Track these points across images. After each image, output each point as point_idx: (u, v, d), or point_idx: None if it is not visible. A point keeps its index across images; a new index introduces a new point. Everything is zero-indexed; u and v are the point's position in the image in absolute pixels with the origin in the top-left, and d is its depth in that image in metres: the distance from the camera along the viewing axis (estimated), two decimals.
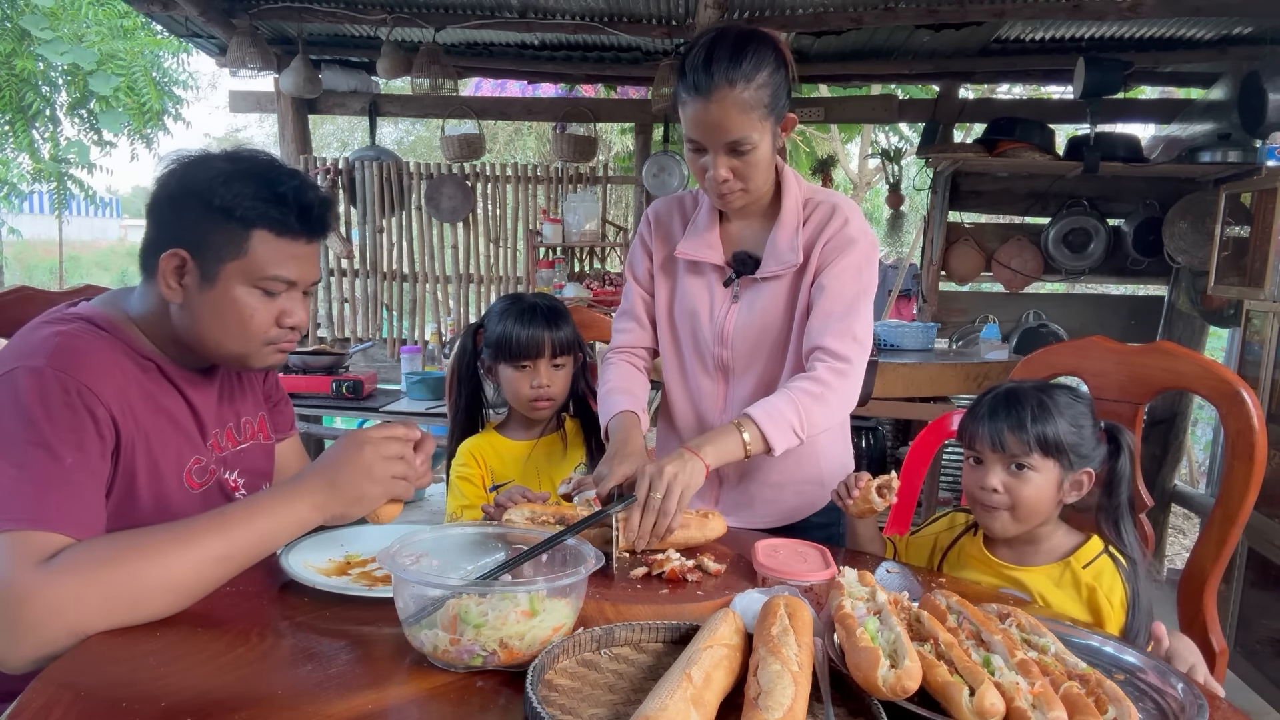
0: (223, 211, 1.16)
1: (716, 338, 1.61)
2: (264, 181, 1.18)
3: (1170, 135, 4.52)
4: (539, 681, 0.86)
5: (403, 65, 4.35)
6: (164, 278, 1.18)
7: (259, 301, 1.20)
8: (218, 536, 1.03)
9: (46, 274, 12.57)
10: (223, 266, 1.17)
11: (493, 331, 1.75)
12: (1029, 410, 1.32)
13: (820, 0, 3.88)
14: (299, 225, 1.20)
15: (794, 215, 1.57)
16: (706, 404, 1.67)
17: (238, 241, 1.17)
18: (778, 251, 1.56)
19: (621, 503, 1.31)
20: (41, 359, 1.08)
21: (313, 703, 0.84)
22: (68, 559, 0.96)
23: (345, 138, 12.60)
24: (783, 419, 1.42)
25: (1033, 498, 1.33)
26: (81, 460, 1.05)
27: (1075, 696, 0.83)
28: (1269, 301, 2.95)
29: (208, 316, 1.19)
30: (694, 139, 1.46)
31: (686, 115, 1.45)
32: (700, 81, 1.39)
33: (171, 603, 1.01)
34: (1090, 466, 1.34)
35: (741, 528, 1.60)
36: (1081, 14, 3.75)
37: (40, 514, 0.99)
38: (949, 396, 3.74)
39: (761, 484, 1.65)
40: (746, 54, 1.40)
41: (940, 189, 4.49)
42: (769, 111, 1.43)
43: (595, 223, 4.86)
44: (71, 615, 0.94)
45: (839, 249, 1.54)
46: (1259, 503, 1.45)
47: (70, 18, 7.50)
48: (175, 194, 1.19)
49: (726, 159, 1.45)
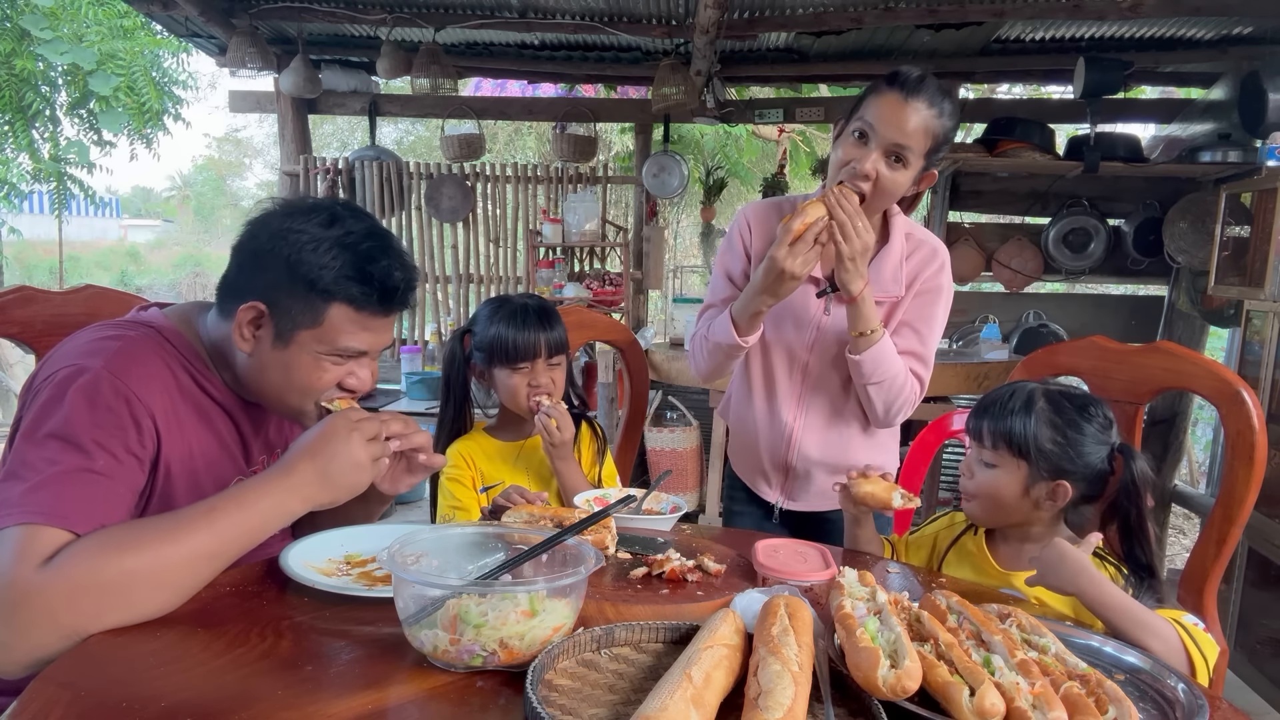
0: (307, 282, 1.16)
1: (804, 344, 1.75)
2: (354, 258, 1.17)
3: (1170, 135, 4.52)
4: (539, 681, 0.86)
5: (403, 65, 4.35)
6: (239, 327, 1.18)
7: (329, 366, 1.21)
8: (207, 532, 1.03)
9: (46, 274, 12.57)
10: (298, 332, 1.18)
11: (484, 335, 1.72)
12: (1010, 407, 1.34)
13: (820, 0, 3.88)
14: (379, 304, 1.20)
15: (899, 246, 1.70)
16: (783, 404, 1.80)
17: (316, 310, 1.17)
18: (882, 279, 1.68)
19: (621, 503, 1.31)
20: (100, 361, 1.09)
21: (313, 703, 0.84)
22: (60, 561, 0.96)
23: (345, 138, 12.60)
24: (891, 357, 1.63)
25: (991, 491, 1.36)
26: (113, 465, 1.06)
27: (1075, 696, 0.83)
28: (1269, 301, 2.95)
29: (275, 372, 1.20)
30: (869, 126, 1.54)
31: (874, 106, 1.54)
32: (912, 85, 1.52)
33: (164, 599, 1.00)
34: (1071, 480, 1.33)
35: (806, 510, 1.85)
36: (1081, 14, 3.75)
37: (57, 509, 0.99)
38: (949, 396, 3.74)
39: (825, 476, 1.80)
40: (949, 101, 1.56)
41: (940, 189, 4.49)
42: (930, 150, 1.56)
43: (595, 223, 4.86)
44: (64, 618, 0.94)
45: (933, 295, 1.71)
46: (1259, 503, 1.45)
47: (70, 18, 7.50)
48: (264, 247, 1.18)
49: (881, 158, 1.54)
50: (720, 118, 4.77)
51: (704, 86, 4.50)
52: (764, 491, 1.88)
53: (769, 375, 1.81)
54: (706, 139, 7.43)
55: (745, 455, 1.91)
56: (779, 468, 1.84)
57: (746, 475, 1.92)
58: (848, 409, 1.78)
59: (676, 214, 10.64)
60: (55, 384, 1.08)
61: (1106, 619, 1.16)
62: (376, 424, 1.14)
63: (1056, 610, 1.28)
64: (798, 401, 1.79)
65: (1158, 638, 1.12)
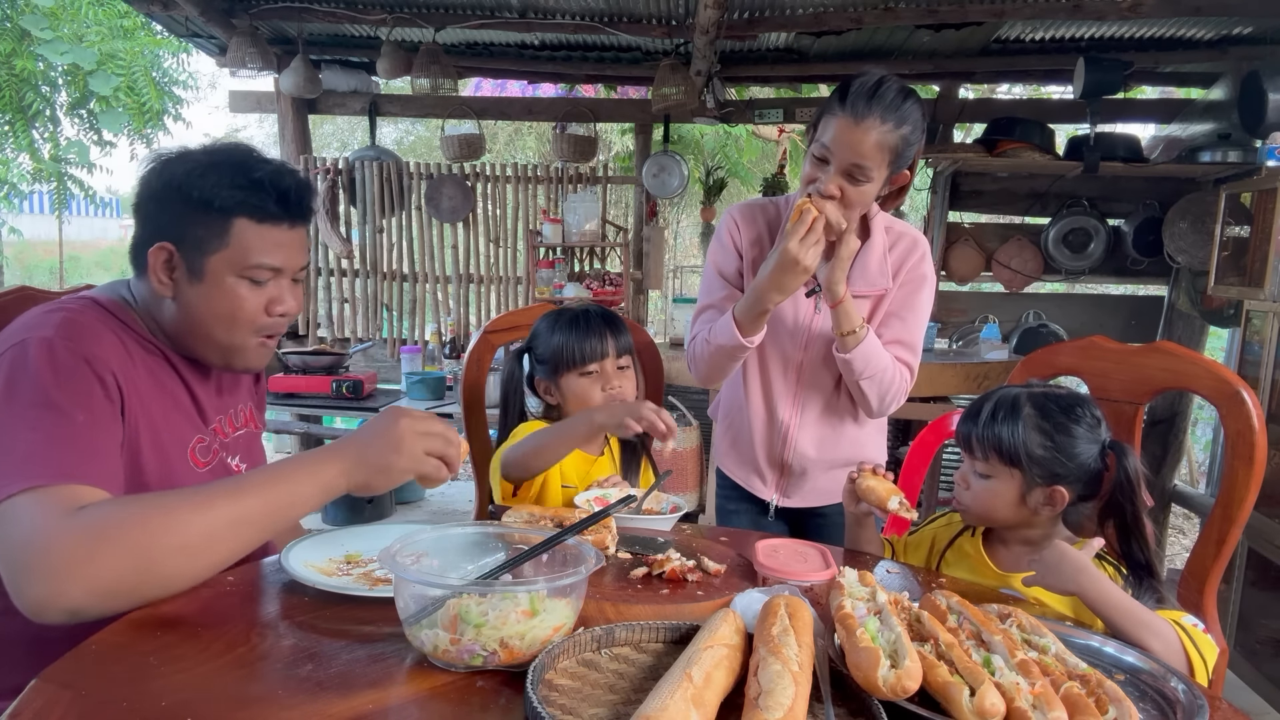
0: (202, 204, 1.17)
1: (796, 342, 1.79)
2: (239, 169, 1.19)
3: (1170, 135, 4.52)
4: (539, 681, 0.86)
5: (403, 65, 4.35)
6: (154, 273, 1.19)
7: (247, 291, 1.21)
8: (232, 499, 1.03)
9: (46, 274, 12.56)
10: (208, 259, 1.18)
11: (547, 346, 1.70)
12: (998, 417, 1.34)
13: (820, 0, 3.88)
14: (278, 210, 1.20)
15: (881, 239, 1.75)
16: (779, 402, 1.83)
17: (220, 232, 1.18)
18: (868, 274, 1.73)
19: (621, 503, 1.31)
20: (50, 330, 1.09)
21: (313, 703, 0.84)
22: (88, 514, 0.97)
23: (345, 138, 12.59)
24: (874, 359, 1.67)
25: (986, 501, 1.36)
26: (92, 419, 1.07)
27: (1076, 697, 0.83)
28: (1269, 301, 2.95)
29: (198, 308, 1.20)
30: (825, 149, 1.57)
31: (829, 128, 1.56)
32: (861, 108, 1.52)
33: (186, 567, 1.00)
34: (1066, 485, 1.33)
35: (801, 506, 1.88)
36: (1081, 14, 3.74)
37: (60, 469, 1.00)
38: (949, 396, 3.74)
39: (820, 472, 1.85)
40: (906, 106, 1.54)
41: (940, 189, 4.49)
42: (895, 160, 1.57)
43: (595, 223, 4.86)
44: (87, 570, 0.94)
45: (916, 285, 1.75)
46: (1259, 503, 1.45)
47: (70, 18, 7.49)
48: (157, 190, 1.20)
49: (840, 179, 1.56)
50: (720, 118, 4.77)
51: (704, 87, 4.50)
52: (758, 489, 1.90)
53: (765, 375, 1.83)
54: (706, 139, 7.43)
55: (739, 454, 1.92)
56: (775, 465, 1.87)
57: (740, 474, 1.93)
58: (840, 405, 1.82)
59: (676, 214, 10.64)
60: (8, 361, 1.07)
61: (1107, 618, 1.16)
62: (438, 424, 1.12)
63: (1055, 610, 1.28)
64: (793, 400, 1.82)
65: (1158, 637, 1.12)
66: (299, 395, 4.09)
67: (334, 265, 5.14)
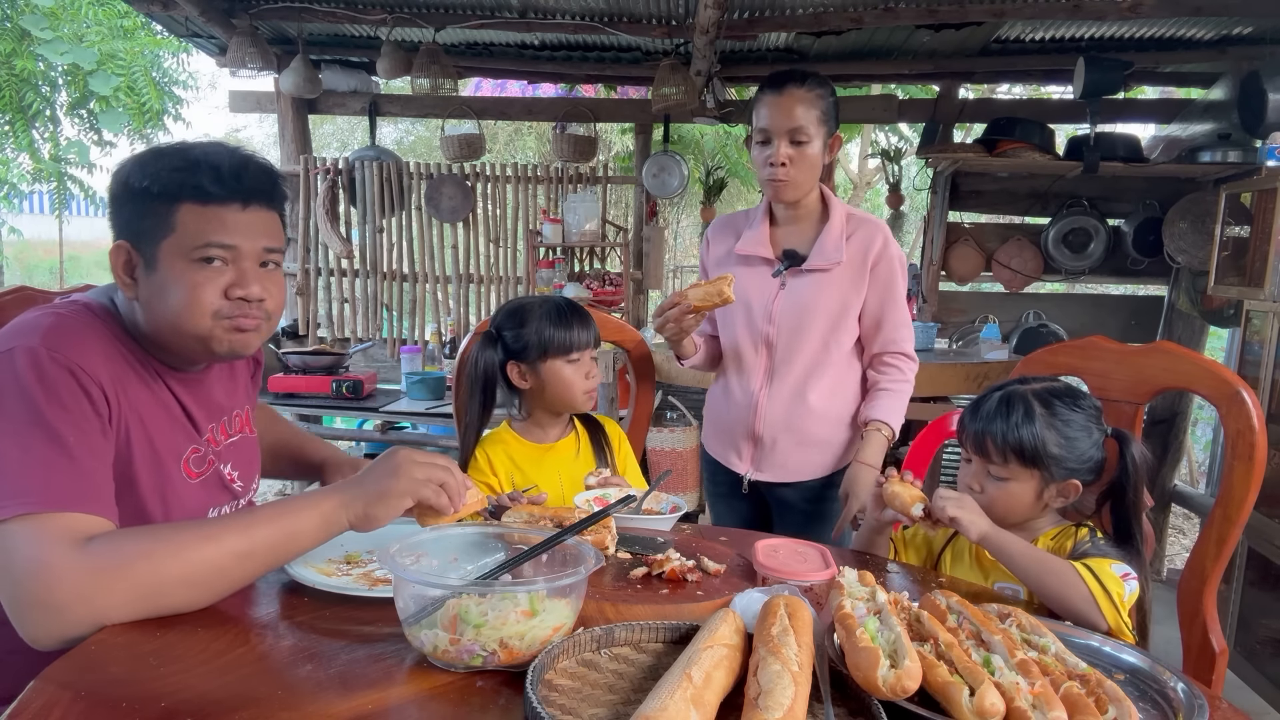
0: (145, 194, 1.16)
1: (764, 318, 1.97)
2: (178, 154, 1.18)
3: (1170, 135, 4.51)
4: (539, 681, 0.86)
5: (403, 65, 4.35)
6: (118, 276, 1.18)
7: (201, 274, 1.16)
8: (240, 533, 1.04)
9: (46, 274, 12.56)
10: (158, 248, 1.16)
11: (532, 333, 1.73)
12: (1014, 419, 1.33)
13: (820, 0, 3.88)
14: (219, 189, 1.17)
15: (839, 224, 1.96)
16: (751, 373, 2.01)
17: (165, 217, 1.16)
18: (825, 251, 1.94)
19: (621, 503, 1.31)
20: (36, 338, 1.08)
21: (313, 703, 0.84)
22: (98, 549, 0.98)
23: (345, 138, 12.58)
24: (900, 412, 1.94)
25: (1005, 504, 1.36)
26: (82, 438, 1.06)
27: (1075, 696, 0.83)
28: (1269, 301, 2.95)
29: (158, 299, 1.17)
30: (764, 129, 1.87)
31: (760, 111, 1.88)
32: (778, 83, 1.86)
33: (192, 597, 1.01)
34: (1080, 478, 1.34)
35: (776, 482, 2.03)
36: (1081, 14, 3.74)
37: (55, 497, 1.00)
38: (949, 396, 3.74)
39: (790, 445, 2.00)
40: (813, 79, 1.88)
41: (940, 189, 4.49)
42: (824, 119, 1.88)
43: (595, 223, 4.86)
44: (98, 603, 0.96)
45: (890, 271, 1.94)
46: (1259, 503, 1.45)
47: (70, 18, 7.49)
48: (114, 193, 1.20)
49: (786, 146, 1.86)
50: (720, 118, 4.76)
51: (704, 86, 4.50)
52: (734, 464, 2.06)
53: (736, 351, 2.03)
54: (706, 139, 7.43)
55: (718, 429, 2.11)
56: (749, 437, 2.03)
57: (719, 450, 2.11)
58: (810, 378, 1.97)
59: (676, 214, 10.64)
60: None
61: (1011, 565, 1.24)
62: (439, 457, 1.14)
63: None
64: (764, 372, 2.00)
65: (1054, 574, 1.20)
66: (299, 395, 4.09)
67: (334, 265, 5.14)
